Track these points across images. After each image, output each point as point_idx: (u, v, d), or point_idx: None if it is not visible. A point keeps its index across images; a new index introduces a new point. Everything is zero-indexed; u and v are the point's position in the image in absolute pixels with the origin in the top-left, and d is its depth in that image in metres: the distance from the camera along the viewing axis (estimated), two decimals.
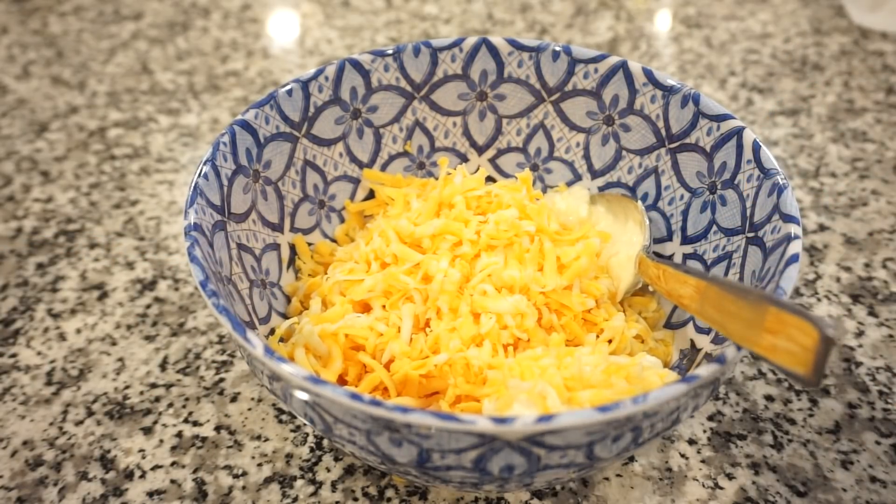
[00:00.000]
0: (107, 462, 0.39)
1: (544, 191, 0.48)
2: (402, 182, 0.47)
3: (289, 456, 0.39)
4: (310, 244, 0.45)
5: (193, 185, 0.36)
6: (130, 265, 0.50)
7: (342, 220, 0.47)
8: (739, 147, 0.39)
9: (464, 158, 0.49)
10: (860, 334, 0.45)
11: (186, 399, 0.42)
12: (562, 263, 0.40)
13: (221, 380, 0.43)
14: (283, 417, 0.41)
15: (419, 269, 0.39)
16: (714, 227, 0.40)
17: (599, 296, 0.40)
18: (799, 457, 0.39)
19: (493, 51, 0.46)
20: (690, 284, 0.34)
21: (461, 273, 0.38)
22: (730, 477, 0.38)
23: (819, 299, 0.48)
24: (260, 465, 0.39)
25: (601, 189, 0.47)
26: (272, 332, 0.39)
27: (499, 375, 0.34)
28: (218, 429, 0.40)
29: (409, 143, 0.48)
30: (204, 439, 0.40)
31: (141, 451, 0.39)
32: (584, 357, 0.34)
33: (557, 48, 0.45)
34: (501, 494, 0.37)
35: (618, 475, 0.38)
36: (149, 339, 0.45)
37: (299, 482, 0.38)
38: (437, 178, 0.46)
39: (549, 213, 0.42)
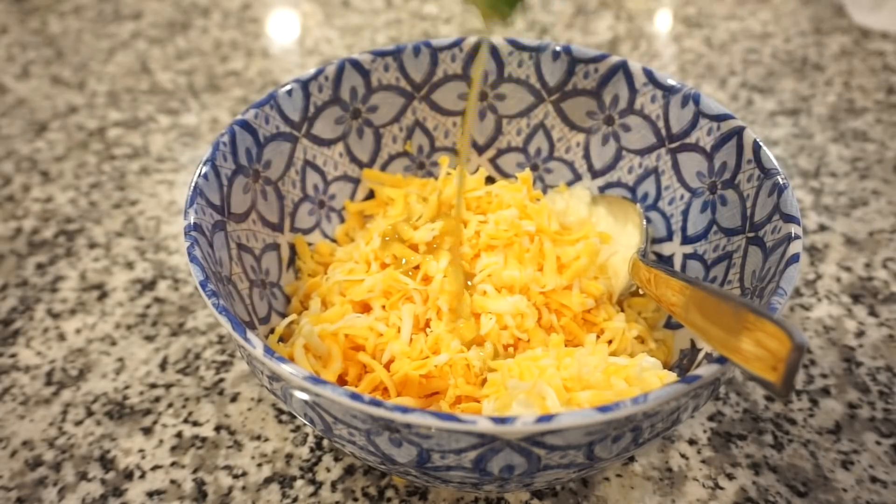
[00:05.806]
0: (106, 462, 0.39)
1: (544, 191, 0.48)
2: (402, 182, 0.47)
3: (289, 456, 0.39)
4: (310, 244, 0.44)
5: (193, 185, 0.36)
6: (130, 265, 0.50)
7: (342, 220, 0.47)
8: (740, 147, 0.39)
9: None
10: (861, 334, 0.45)
11: (186, 399, 0.42)
12: (562, 263, 0.40)
13: (221, 380, 0.43)
14: (283, 417, 0.41)
15: (419, 270, 0.39)
16: (714, 227, 0.40)
17: (599, 296, 0.40)
18: (799, 457, 0.39)
19: (494, 51, 0.46)
20: (678, 289, 0.34)
21: None
22: (730, 477, 0.38)
23: (819, 299, 0.48)
24: (260, 465, 0.39)
25: (601, 189, 0.47)
26: (272, 332, 0.39)
27: (498, 376, 0.34)
28: (218, 429, 0.40)
29: (409, 143, 0.48)
30: (204, 439, 0.40)
31: (141, 451, 0.39)
32: (583, 358, 0.34)
33: (557, 48, 0.45)
34: (501, 495, 0.37)
35: (618, 475, 0.38)
36: (149, 339, 0.45)
37: (299, 482, 0.38)
38: (437, 178, 0.46)
39: (549, 213, 0.42)
